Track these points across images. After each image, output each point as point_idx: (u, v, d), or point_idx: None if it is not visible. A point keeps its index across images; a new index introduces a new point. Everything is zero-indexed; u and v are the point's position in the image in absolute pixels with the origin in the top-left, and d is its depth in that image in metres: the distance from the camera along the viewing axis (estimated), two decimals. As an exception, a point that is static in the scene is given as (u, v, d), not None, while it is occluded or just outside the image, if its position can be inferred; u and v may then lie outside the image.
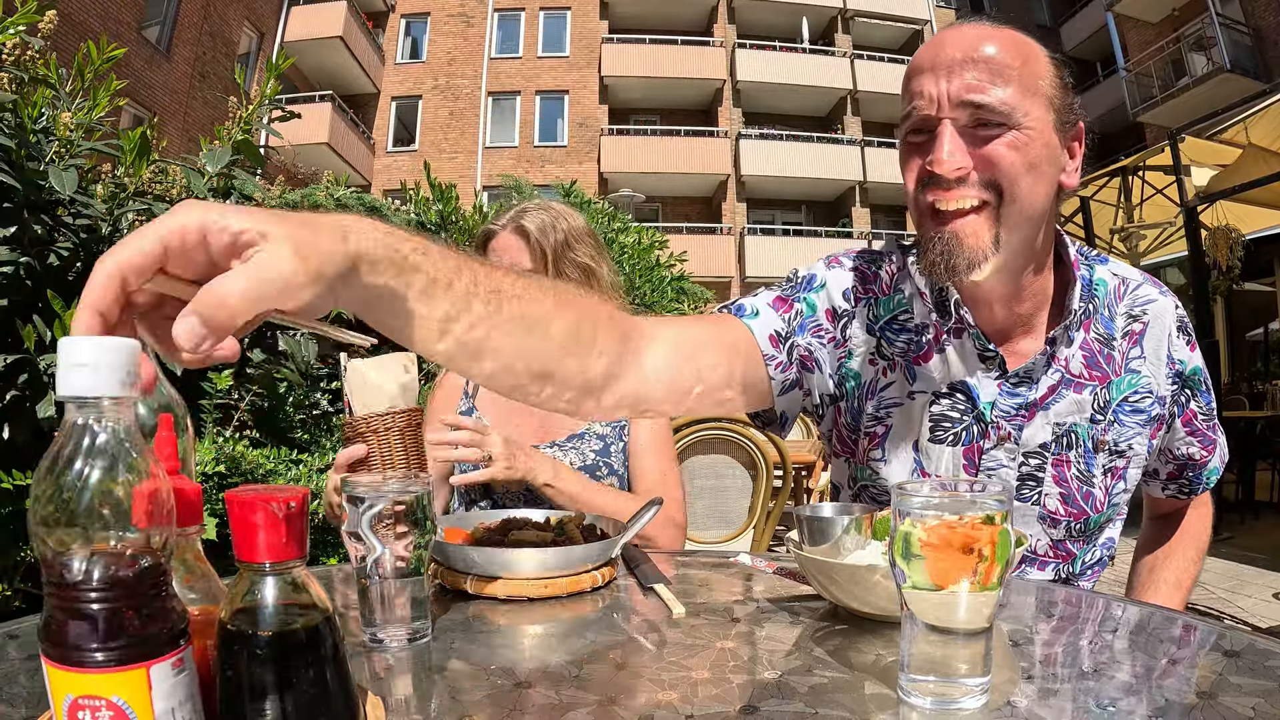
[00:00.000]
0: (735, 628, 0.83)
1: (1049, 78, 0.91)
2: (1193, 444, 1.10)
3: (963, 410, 1.03)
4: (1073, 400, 1.01)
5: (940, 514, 0.61)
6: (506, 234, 1.52)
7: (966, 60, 0.88)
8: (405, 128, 22.66)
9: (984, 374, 1.02)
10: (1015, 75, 0.88)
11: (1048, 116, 0.90)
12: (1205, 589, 4.29)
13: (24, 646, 0.75)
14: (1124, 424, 1.03)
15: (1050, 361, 1.01)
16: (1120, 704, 0.62)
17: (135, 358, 0.43)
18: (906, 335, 1.06)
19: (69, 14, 10.48)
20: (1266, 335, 12.21)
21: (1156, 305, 1.05)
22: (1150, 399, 1.03)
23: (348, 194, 2.65)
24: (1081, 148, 0.97)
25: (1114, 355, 1.03)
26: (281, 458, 1.80)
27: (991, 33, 0.90)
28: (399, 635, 0.78)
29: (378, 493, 0.79)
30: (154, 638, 0.43)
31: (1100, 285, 1.05)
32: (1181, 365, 1.05)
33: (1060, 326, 1.00)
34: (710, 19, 22.88)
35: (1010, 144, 0.88)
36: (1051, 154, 0.91)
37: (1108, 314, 1.04)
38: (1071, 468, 1.02)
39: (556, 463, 1.40)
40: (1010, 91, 0.87)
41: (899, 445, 1.07)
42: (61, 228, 1.68)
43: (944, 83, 0.89)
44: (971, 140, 0.89)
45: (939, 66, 0.90)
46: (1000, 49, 0.89)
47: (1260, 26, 14.30)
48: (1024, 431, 1.02)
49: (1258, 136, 6.00)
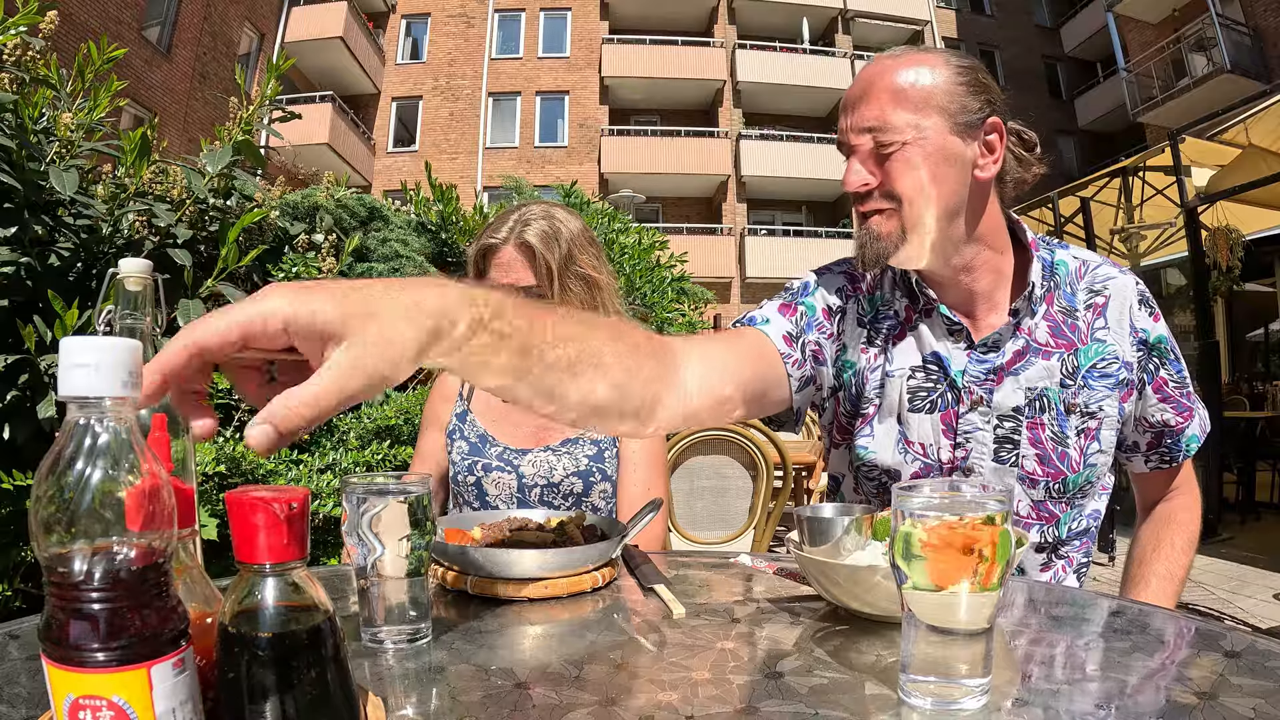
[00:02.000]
0: (735, 628, 0.83)
1: (943, 90, 1.04)
2: (1166, 410, 1.15)
3: (936, 379, 1.14)
4: (1042, 367, 1.11)
5: (941, 515, 0.61)
6: (510, 249, 1.47)
7: (863, 95, 1.06)
8: (406, 128, 22.67)
9: (953, 345, 1.14)
10: (905, 98, 1.03)
11: (943, 124, 1.03)
12: (1205, 590, 4.28)
13: (25, 646, 0.75)
14: (1093, 388, 1.12)
15: (1015, 330, 1.12)
16: (1121, 705, 0.62)
17: (137, 358, 0.43)
18: (889, 322, 1.19)
19: (70, 14, 10.49)
20: (1267, 336, 12.20)
21: (1116, 281, 1.15)
22: (1117, 364, 1.12)
23: (348, 195, 2.65)
24: (1002, 139, 1.07)
25: (1079, 325, 1.13)
26: (282, 458, 1.80)
27: (888, 65, 1.06)
28: (399, 636, 0.78)
29: (378, 494, 0.79)
30: (155, 638, 0.43)
31: (1061, 265, 1.16)
32: (1145, 334, 1.14)
33: (1021, 298, 1.11)
34: (710, 19, 22.88)
35: (902, 158, 1.03)
36: (950, 155, 1.04)
37: (1069, 290, 1.15)
38: (1046, 430, 1.11)
39: None
40: (899, 114, 1.03)
41: (884, 420, 1.17)
42: (62, 228, 1.68)
43: (848, 117, 1.08)
44: (875, 159, 1.06)
45: (847, 104, 1.09)
46: (890, 79, 1.04)
47: (1260, 27, 14.31)
48: (995, 395, 1.11)
49: (1258, 137, 6.00)
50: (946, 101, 1.03)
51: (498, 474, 1.49)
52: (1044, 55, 23.00)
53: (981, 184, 1.07)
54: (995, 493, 0.62)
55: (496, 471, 1.49)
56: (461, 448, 1.53)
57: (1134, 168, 6.56)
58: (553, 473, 1.49)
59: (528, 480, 1.49)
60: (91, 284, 1.69)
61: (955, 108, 1.04)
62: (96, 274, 1.70)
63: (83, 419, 0.42)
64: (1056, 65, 23.03)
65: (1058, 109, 22.71)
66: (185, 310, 1.62)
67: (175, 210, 1.81)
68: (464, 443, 1.53)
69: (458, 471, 1.52)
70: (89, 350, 0.42)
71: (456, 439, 1.54)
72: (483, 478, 1.49)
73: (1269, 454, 6.60)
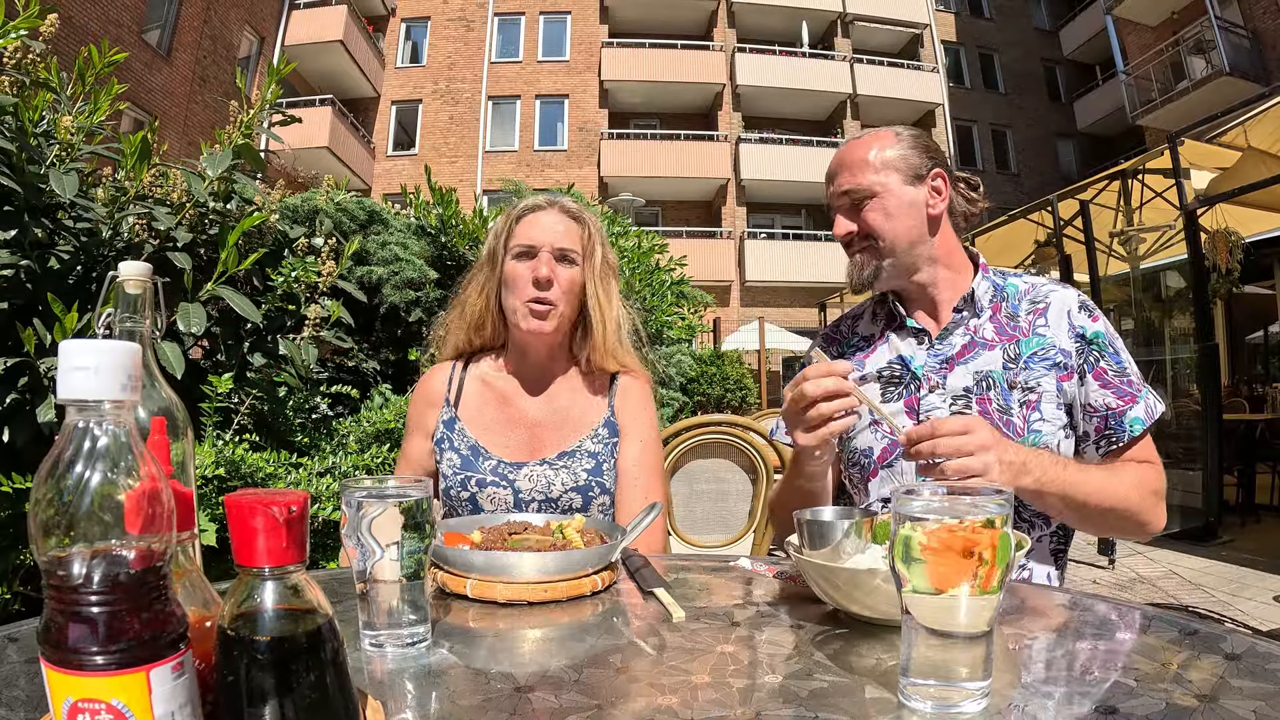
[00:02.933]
0: (735, 632, 0.83)
1: (897, 152, 1.39)
2: (1108, 395, 1.32)
3: (900, 375, 1.42)
4: (987, 357, 1.37)
5: (940, 518, 0.61)
6: (554, 212, 1.51)
7: (838, 168, 1.43)
8: (405, 132, 22.68)
9: (916, 346, 1.43)
10: (867, 166, 1.39)
11: (900, 179, 1.38)
12: (1206, 592, 4.28)
13: (24, 649, 0.75)
14: (1032, 368, 1.34)
15: (963, 328, 1.40)
16: (1121, 707, 0.61)
17: (136, 361, 0.43)
18: (862, 346, 1.50)
19: (70, 17, 10.50)
20: (1266, 338, 12.20)
21: (1058, 293, 1.41)
22: (1055, 350, 1.35)
23: (348, 198, 2.65)
24: (946, 183, 1.41)
25: (1020, 325, 1.39)
26: (281, 461, 1.80)
27: (855, 145, 1.42)
28: (399, 639, 0.78)
29: (377, 497, 0.79)
30: (154, 641, 0.43)
31: (1011, 286, 1.45)
32: (1083, 329, 1.36)
33: (962, 298, 1.40)
34: (710, 23, 22.90)
35: (872, 209, 1.39)
36: (906, 201, 1.38)
37: (1015, 303, 1.42)
38: (992, 404, 1.33)
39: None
40: (866, 177, 1.38)
41: (864, 416, 1.39)
42: (62, 231, 1.68)
43: (831, 186, 1.45)
44: (853, 212, 1.41)
45: (829, 174, 1.46)
46: (857, 153, 1.40)
47: (1259, 29, 14.33)
48: (948, 380, 1.37)
49: (1257, 139, 6.01)
50: (900, 163, 1.38)
51: (493, 489, 1.43)
52: (1043, 58, 23.04)
53: (934, 218, 1.40)
54: (995, 496, 0.62)
55: (491, 487, 1.43)
56: (453, 460, 1.46)
57: (1133, 170, 6.56)
58: (550, 488, 1.44)
59: (524, 495, 1.43)
60: (91, 287, 1.69)
61: (906, 166, 1.39)
62: (96, 277, 1.70)
63: (82, 422, 0.42)
64: (1055, 68, 23.07)
65: (1057, 112, 22.74)
66: (185, 314, 1.62)
67: (175, 214, 1.81)
68: (455, 455, 1.47)
69: (450, 485, 1.46)
70: (88, 353, 0.42)
71: (446, 449, 1.48)
72: (477, 493, 1.44)
73: (1269, 456, 6.59)
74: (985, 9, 23.51)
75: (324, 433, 2.07)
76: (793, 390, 1.13)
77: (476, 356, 1.59)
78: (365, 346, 2.62)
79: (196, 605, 0.55)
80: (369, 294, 2.44)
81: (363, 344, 2.60)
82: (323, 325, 1.94)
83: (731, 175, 21.82)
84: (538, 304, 1.44)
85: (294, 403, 1.97)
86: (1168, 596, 4.24)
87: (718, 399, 13.01)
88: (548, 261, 1.45)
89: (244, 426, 1.84)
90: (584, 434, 1.49)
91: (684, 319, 4.07)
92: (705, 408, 12.16)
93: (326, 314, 1.94)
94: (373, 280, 2.50)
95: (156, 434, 0.61)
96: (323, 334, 1.95)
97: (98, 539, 0.41)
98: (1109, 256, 7.11)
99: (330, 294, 2.02)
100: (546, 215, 1.50)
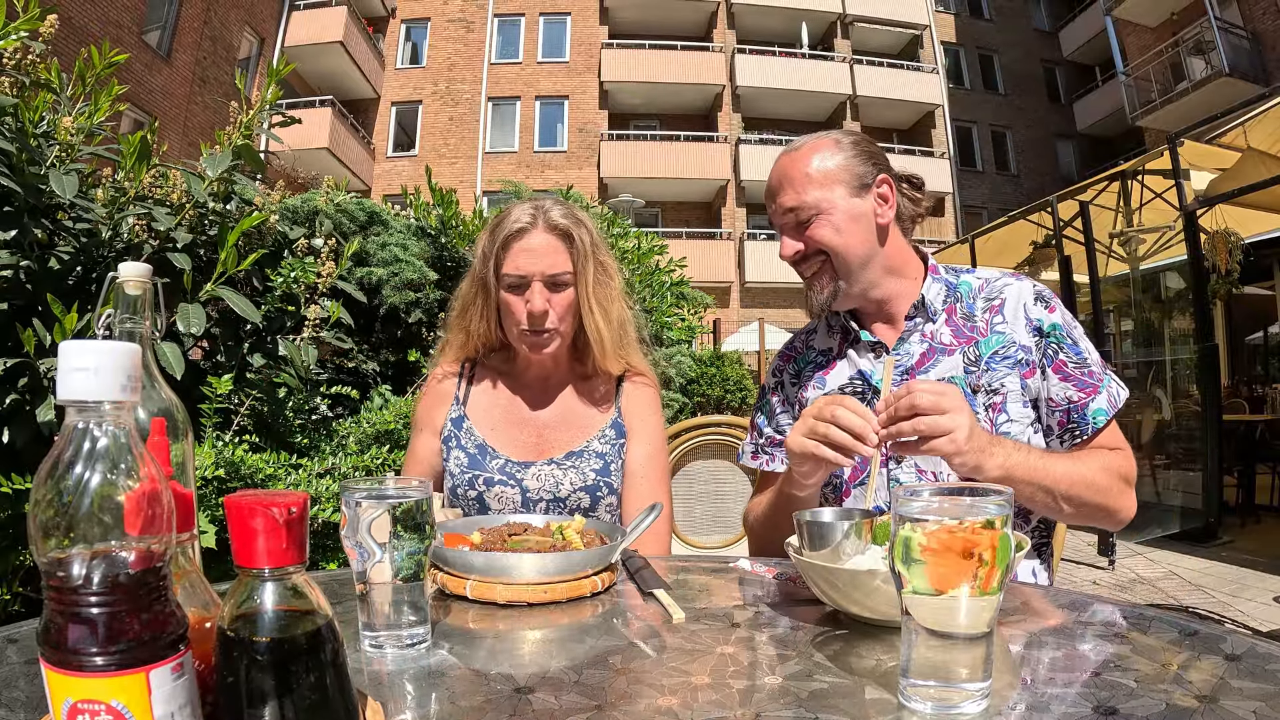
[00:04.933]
0: (735, 633, 0.83)
1: (838, 164, 1.32)
2: (1069, 388, 1.30)
3: (862, 391, 1.37)
4: (947, 363, 1.33)
5: (940, 519, 0.61)
6: (540, 233, 1.43)
7: (778, 186, 1.36)
8: (405, 133, 22.69)
9: (875, 360, 1.38)
10: (810, 180, 1.31)
11: (844, 192, 1.32)
12: (1205, 592, 4.28)
13: (23, 650, 0.75)
14: (995, 369, 1.30)
15: (918, 335, 1.36)
16: (1121, 708, 0.61)
17: (136, 362, 0.43)
18: (819, 361, 1.46)
19: (70, 18, 10.50)
20: (1266, 339, 12.20)
21: (1012, 287, 1.36)
22: (1015, 347, 1.31)
23: (348, 199, 2.65)
24: (893, 189, 1.35)
25: (978, 325, 1.34)
26: (281, 462, 1.79)
27: (794, 158, 1.34)
28: (399, 640, 0.78)
29: (377, 499, 0.79)
30: (154, 642, 0.43)
31: (964, 285, 1.39)
32: (1040, 322, 1.32)
33: (913, 306, 1.36)
34: (710, 24, 22.92)
35: (819, 225, 1.32)
36: (855, 213, 1.32)
37: (970, 302, 1.37)
38: None
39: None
40: (808, 193, 1.31)
41: (850, 470, 1.36)
42: (62, 232, 1.68)
43: (772, 204, 1.38)
44: (800, 230, 1.34)
45: (768, 194, 1.40)
46: (795, 169, 1.33)
47: (1258, 30, 14.34)
48: None
49: (1257, 140, 6.01)
50: (844, 174, 1.32)
51: (500, 488, 1.44)
52: (1043, 59, 23.05)
53: (883, 227, 1.35)
54: (995, 497, 0.62)
55: (499, 486, 1.45)
56: (460, 459, 1.47)
57: (1133, 171, 6.56)
58: (559, 487, 1.44)
59: (532, 494, 1.44)
60: (91, 288, 1.69)
61: (850, 176, 1.32)
62: (96, 278, 1.70)
63: (82, 422, 0.42)
64: (1055, 69, 23.08)
65: (1056, 113, 22.75)
66: (184, 314, 1.61)
67: (175, 214, 1.81)
68: (462, 453, 1.48)
69: (457, 484, 1.47)
70: (88, 354, 0.42)
71: (453, 447, 1.49)
72: (484, 492, 1.45)
73: (1268, 457, 6.59)
74: (985, 10, 23.52)
75: (324, 434, 2.07)
76: (828, 404, 1.10)
77: (484, 357, 1.59)
78: (365, 347, 2.62)
79: (196, 606, 0.55)
80: (369, 295, 2.44)
81: (362, 345, 2.59)
82: (322, 326, 1.94)
83: (731, 176, 21.83)
84: (534, 334, 1.44)
85: (294, 404, 1.97)
86: (1168, 597, 4.24)
87: (718, 400, 13.00)
88: (540, 292, 1.42)
89: (244, 427, 1.84)
90: (591, 434, 1.50)
91: (684, 320, 4.07)
92: (705, 408, 12.16)
93: (326, 315, 1.94)
94: (372, 281, 2.50)
95: (156, 435, 0.61)
96: (322, 335, 1.95)
97: (97, 540, 0.41)
98: (1109, 257, 7.11)
99: (330, 295, 2.02)
100: (534, 238, 1.43)
